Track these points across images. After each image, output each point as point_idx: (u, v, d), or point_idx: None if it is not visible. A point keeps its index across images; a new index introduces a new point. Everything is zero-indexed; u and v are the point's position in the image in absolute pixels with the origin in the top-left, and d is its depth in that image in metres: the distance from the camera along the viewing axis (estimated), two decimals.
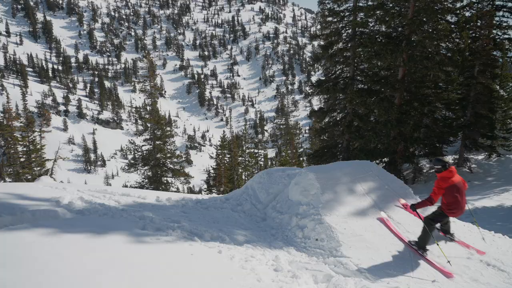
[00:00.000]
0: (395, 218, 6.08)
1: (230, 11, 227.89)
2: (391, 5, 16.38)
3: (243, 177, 28.62)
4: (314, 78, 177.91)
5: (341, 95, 18.81)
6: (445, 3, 15.46)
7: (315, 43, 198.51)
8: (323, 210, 5.85)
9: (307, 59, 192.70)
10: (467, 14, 17.95)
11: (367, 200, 6.27)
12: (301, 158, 33.66)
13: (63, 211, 5.21)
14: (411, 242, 5.59)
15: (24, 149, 18.25)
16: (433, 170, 6.67)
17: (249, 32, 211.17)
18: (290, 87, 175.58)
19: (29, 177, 16.71)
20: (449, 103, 17.46)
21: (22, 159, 18.05)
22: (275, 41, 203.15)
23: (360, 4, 18.07)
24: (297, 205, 6.28)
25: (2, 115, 21.33)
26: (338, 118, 19.86)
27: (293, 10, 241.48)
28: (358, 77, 18.64)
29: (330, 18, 18.67)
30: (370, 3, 17.83)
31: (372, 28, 17.55)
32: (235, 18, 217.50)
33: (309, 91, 20.48)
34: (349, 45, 18.09)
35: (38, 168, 18.03)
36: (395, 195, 6.59)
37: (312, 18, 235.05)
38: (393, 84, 16.75)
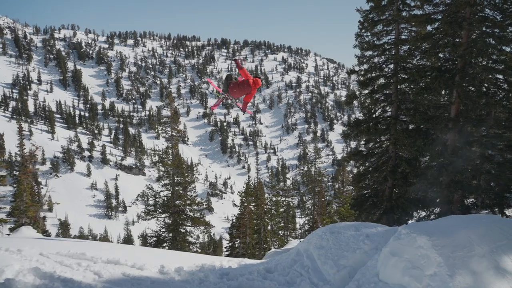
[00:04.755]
0: None
1: (253, 61, 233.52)
2: (440, 36, 14.45)
3: (269, 227, 26.10)
4: (336, 126, 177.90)
5: (382, 137, 16.83)
6: (506, 32, 13.31)
7: (337, 92, 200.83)
8: None
9: (330, 107, 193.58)
10: None
11: None
12: (328, 208, 31.21)
13: None
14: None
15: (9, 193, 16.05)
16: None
17: (272, 81, 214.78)
18: (312, 135, 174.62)
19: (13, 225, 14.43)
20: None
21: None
22: (298, 89, 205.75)
23: (403, 37, 16.39)
24: None
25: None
26: (379, 162, 17.65)
27: (315, 60, 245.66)
28: (402, 117, 16.54)
29: (369, 52, 17.00)
30: (413, 34, 16.16)
31: (417, 62, 15.74)
32: (258, 67, 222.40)
33: (346, 132, 18.36)
34: (391, 81, 16.12)
35: (22, 216, 15.62)
36: None
37: (334, 68, 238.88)
38: (446, 123, 14.40)
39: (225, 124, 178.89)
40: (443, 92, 14.02)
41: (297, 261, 5.12)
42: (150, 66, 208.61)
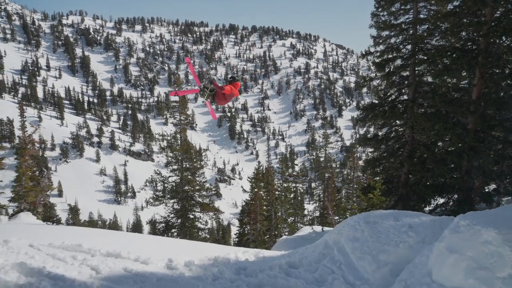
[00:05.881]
0: None
1: (261, 47, 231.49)
2: (462, 14, 13.64)
3: (279, 213, 25.65)
4: (345, 113, 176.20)
5: (398, 121, 16.34)
6: None
7: (346, 78, 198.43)
8: None
9: (338, 93, 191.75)
10: None
11: None
12: (337, 196, 30.64)
13: None
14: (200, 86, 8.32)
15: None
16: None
17: (280, 67, 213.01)
18: (321, 121, 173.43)
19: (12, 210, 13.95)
20: None
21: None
22: (306, 75, 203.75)
23: (422, 16, 15.60)
24: None
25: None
26: (395, 147, 17.05)
27: (324, 45, 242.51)
28: (420, 100, 15.85)
29: (386, 32, 16.27)
30: (432, 13, 15.34)
31: (436, 42, 15.09)
32: (267, 53, 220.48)
33: (360, 116, 17.74)
34: (408, 62, 15.42)
35: (21, 201, 14.99)
36: None
37: (343, 54, 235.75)
38: (467, 106, 13.65)
39: (233, 110, 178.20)
40: (463, 74, 13.29)
41: (326, 255, 4.40)
42: (158, 52, 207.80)
